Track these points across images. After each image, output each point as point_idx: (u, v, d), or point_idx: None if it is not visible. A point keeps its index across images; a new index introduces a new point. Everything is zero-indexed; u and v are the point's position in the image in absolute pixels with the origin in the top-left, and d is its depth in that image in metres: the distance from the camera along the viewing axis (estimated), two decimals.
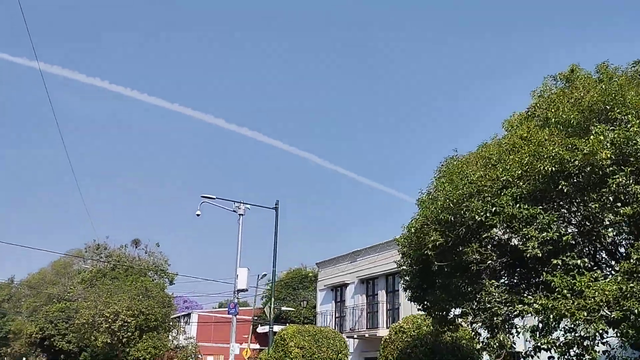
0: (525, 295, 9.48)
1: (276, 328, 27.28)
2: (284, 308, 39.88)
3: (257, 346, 44.98)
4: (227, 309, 50.91)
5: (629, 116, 9.13)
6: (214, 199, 27.15)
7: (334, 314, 29.46)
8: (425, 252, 10.43)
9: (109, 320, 39.20)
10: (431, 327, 16.40)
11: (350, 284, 28.57)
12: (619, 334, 8.84)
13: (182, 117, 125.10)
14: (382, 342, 17.46)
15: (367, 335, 24.99)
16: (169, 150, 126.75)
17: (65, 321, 47.00)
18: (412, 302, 13.15)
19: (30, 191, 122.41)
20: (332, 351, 22.40)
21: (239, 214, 31.10)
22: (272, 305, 25.78)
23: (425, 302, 12.64)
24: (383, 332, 24.51)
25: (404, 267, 12.57)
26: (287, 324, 28.06)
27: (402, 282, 12.98)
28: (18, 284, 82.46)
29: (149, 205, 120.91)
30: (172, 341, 43.38)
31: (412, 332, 16.43)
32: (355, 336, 25.32)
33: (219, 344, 46.47)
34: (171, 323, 45.64)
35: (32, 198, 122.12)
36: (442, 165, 12.74)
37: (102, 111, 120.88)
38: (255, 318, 45.88)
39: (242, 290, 30.27)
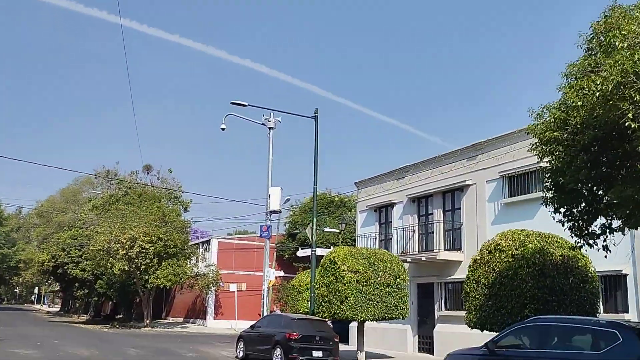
0: None
1: (319, 252, 24.48)
2: (327, 229, 37.09)
3: (282, 273, 42.57)
4: (248, 235, 48.66)
5: None
6: (245, 105, 23.61)
7: (377, 236, 26.54)
8: (625, 123, 7.06)
9: (126, 246, 36.69)
10: (538, 244, 13.43)
11: (397, 204, 25.49)
12: None
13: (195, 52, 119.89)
14: (472, 263, 14.43)
15: (423, 258, 22.10)
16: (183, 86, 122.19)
17: (79, 248, 44.59)
18: (549, 207, 9.93)
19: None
20: (390, 275, 19.58)
21: (269, 127, 27.79)
22: (314, 227, 22.75)
23: (574, 208, 9.43)
24: (444, 255, 21.65)
25: (550, 160, 9.27)
26: (333, 247, 25.31)
27: (546, 180, 9.70)
28: (27, 214, 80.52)
29: (166, 130, 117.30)
30: (192, 268, 41.15)
31: (513, 251, 13.34)
32: (408, 260, 22.43)
33: (241, 271, 44.23)
34: (190, 250, 43.30)
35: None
36: (600, 20, 9.26)
37: (109, 43, 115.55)
38: (278, 244, 43.42)
39: (275, 212, 27.33)
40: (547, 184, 9.72)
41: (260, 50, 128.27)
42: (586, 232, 9.89)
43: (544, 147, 9.20)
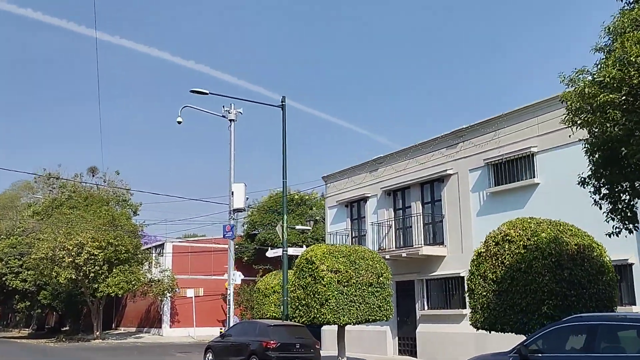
0: None
1: (291, 251, 22.73)
2: (299, 227, 35.24)
3: (241, 276, 40.46)
4: (204, 237, 46.28)
5: None
6: (206, 94, 21.59)
7: (350, 233, 24.98)
8: None
9: (72, 253, 33.85)
10: (551, 233, 12.10)
11: (371, 197, 23.99)
12: None
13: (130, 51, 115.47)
14: (476, 257, 12.98)
15: (404, 254, 20.66)
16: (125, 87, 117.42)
17: (18, 258, 41.14)
18: (587, 187, 8.54)
19: None
20: (372, 274, 18.05)
21: (230, 120, 25.81)
22: (285, 225, 20.98)
23: (616, 187, 8.09)
24: (426, 250, 20.29)
25: (605, 128, 7.85)
26: (306, 247, 23.55)
27: (591, 153, 8.30)
28: None
29: (114, 132, 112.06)
30: (146, 274, 38.52)
31: (525, 241, 11.99)
32: (386, 257, 20.90)
33: (197, 275, 41.87)
34: (143, 255, 40.62)
35: None
36: None
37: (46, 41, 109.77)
38: (236, 246, 41.36)
39: (239, 210, 25.23)
40: (594, 157, 8.31)
41: (205, 52, 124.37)
42: (630, 214, 8.58)
43: (592, 114, 7.78)
